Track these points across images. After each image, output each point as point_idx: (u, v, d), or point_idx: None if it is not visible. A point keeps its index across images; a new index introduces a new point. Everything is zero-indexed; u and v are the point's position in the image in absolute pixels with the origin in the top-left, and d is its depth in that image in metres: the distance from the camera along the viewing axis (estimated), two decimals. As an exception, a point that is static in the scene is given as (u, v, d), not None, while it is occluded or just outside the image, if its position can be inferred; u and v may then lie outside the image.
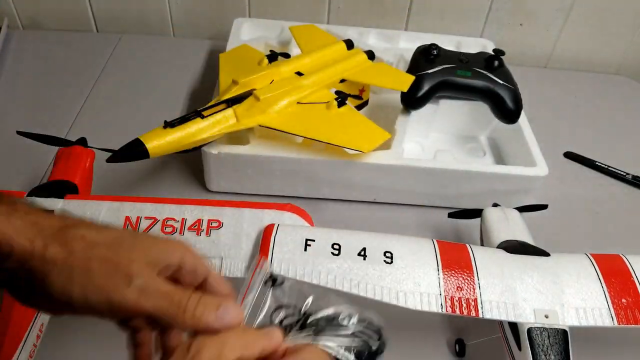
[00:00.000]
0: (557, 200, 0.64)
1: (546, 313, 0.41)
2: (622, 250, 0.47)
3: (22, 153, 0.64)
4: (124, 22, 0.94)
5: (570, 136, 0.80)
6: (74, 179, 0.51)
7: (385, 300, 0.41)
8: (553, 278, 0.43)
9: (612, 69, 0.99)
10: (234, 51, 0.73)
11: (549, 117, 0.81)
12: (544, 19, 0.92)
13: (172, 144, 0.51)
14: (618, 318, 0.41)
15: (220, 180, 0.63)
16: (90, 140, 0.58)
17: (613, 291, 0.42)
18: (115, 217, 0.45)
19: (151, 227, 0.44)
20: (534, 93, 0.73)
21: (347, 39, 0.73)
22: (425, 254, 0.44)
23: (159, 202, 0.46)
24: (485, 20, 0.92)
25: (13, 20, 0.92)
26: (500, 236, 0.50)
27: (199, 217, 0.45)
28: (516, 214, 0.54)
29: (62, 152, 0.55)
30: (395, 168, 0.61)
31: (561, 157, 0.76)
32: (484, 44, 0.82)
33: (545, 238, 0.51)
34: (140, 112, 0.75)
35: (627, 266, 0.44)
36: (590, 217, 0.67)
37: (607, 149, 0.77)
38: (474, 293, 0.41)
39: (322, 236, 0.44)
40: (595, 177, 0.73)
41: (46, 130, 0.56)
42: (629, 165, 0.74)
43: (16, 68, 0.83)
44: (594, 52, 0.96)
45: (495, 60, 0.68)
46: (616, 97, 0.91)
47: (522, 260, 0.45)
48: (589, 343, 0.47)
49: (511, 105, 0.66)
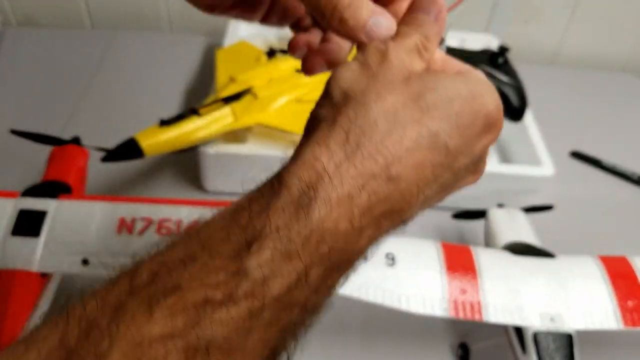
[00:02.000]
0: (563, 200, 0.63)
1: (552, 316, 0.41)
2: (628, 251, 0.46)
3: (15, 152, 0.63)
4: (119, 18, 0.93)
5: (576, 135, 0.79)
6: (67, 179, 0.50)
7: (388, 303, 0.40)
8: (559, 280, 0.43)
9: (619, 67, 0.98)
10: (232, 48, 0.72)
11: (554, 115, 0.80)
12: (550, 15, 0.91)
13: (168, 143, 0.50)
14: (624, 321, 0.41)
15: (217, 180, 0.62)
16: (85, 139, 0.57)
17: (620, 293, 0.42)
18: (110, 217, 0.44)
19: (146, 228, 0.43)
20: (539, 91, 0.72)
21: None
22: (428, 256, 0.43)
23: (154, 203, 0.45)
24: (490, 16, 0.91)
25: (7, 17, 0.91)
26: (505, 237, 0.49)
27: (195, 218, 0.44)
28: (521, 215, 0.53)
29: (56, 152, 0.54)
30: (397, 167, 0.60)
31: (567, 157, 0.75)
32: (489, 40, 0.81)
33: (550, 239, 0.51)
34: (135, 110, 0.75)
35: (634, 268, 0.44)
36: (596, 218, 0.66)
37: (614, 149, 0.76)
38: (477, 296, 0.41)
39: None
40: (602, 177, 0.72)
41: (40, 128, 0.55)
42: (637, 165, 0.73)
43: (10, 65, 0.82)
44: (601, 49, 0.95)
45: (500, 57, 0.67)
46: (623, 96, 0.90)
47: (527, 262, 0.44)
48: (595, 346, 0.47)
49: (516, 103, 0.65)
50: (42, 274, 0.43)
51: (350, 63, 0.24)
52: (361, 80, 0.23)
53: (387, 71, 0.23)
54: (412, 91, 0.23)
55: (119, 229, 0.43)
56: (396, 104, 0.22)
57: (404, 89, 0.23)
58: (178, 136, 0.50)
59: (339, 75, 0.24)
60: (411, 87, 0.23)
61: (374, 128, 0.22)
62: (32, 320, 0.42)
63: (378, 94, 0.22)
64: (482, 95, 0.24)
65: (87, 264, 0.42)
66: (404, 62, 0.24)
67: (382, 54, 0.24)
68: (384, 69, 0.23)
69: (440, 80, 0.23)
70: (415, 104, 0.22)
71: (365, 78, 0.23)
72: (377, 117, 0.22)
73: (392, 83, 0.23)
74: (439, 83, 0.23)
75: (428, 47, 0.25)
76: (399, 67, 0.23)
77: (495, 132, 0.26)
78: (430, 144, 0.22)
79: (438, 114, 0.23)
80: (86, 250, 0.42)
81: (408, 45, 0.24)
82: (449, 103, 0.23)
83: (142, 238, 0.43)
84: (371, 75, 0.23)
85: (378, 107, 0.22)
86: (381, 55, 0.24)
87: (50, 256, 0.42)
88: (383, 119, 0.22)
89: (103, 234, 0.43)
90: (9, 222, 0.43)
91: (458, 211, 0.57)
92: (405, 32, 0.25)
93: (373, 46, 0.24)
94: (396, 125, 0.22)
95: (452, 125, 0.23)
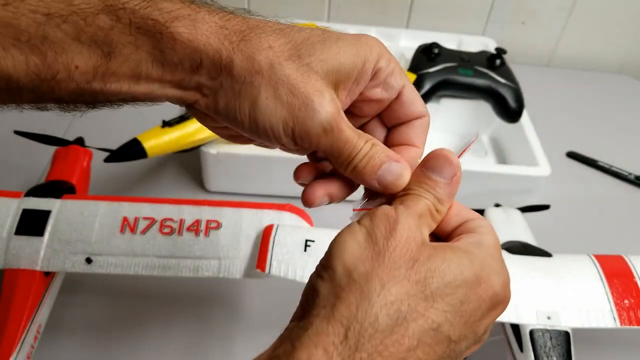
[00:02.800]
0: (560, 200, 0.63)
1: (548, 314, 0.41)
2: (624, 250, 0.47)
3: (20, 153, 0.63)
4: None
5: (572, 136, 0.79)
6: (71, 179, 0.51)
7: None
8: (555, 279, 0.43)
9: (615, 68, 0.98)
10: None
11: (551, 116, 0.81)
12: (546, 17, 0.92)
13: (170, 143, 0.50)
14: (621, 319, 0.41)
15: (219, 180, 0.62)
16: (88, 140, 0.57)
17: (616, 292, 0.42)
18: (113, 217, 0.44)
19: (149, 227, 0.44)
20: (536, 92, 0.73)
21: (348, 38, 0.73)
22: (426, 255, 0.43)
23: (157, 202, 0.45)
24: (487, 18, 0.91)
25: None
26: (502, 237, 0.50)
27: (197, 218, 0.45)
28: (518, 215, 0.53)
29: (60, 152, 0.54)
30: (396, 168, 0.60)
31: (564, 157, 0.76)
32: (486, 42, 0.82)
33: (547, 239, 0.51)
34: (138, 111, 0.75)
35: (630, 267, 0.44)
36: (592, 218, 0.67)
37: (610, 149, 0.77)
38: (475, 294, 0.41)
39: (322, 236, 0.43)
40: (597, 177, 0.73)
41: (43, 129, 0.56)
42: (632, 165, 0.73)
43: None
44: (597, 51, 0.96)
45: (497, 58, 0.68)
46: (619, 96, 0.91)
47: (524, 261, 0.45)
48: (592, 344, 0.47)
49: (513, 104, 0.66)
50: (46, 273, 0.43)
51: (356, 231, 0.23)
52: (366, 259, 0.22)
53: (393, 251, 0.22)
54: (417, 277, 0.22)
55: (122, 229, 0.44)
56: (400, 294, 0.21)
57: (409, 275, 0.22)
58: (180, 137, 0.51)
59: (344, 245, 0.23)
60: (417, 272, 0.22)
61: (375, 325, 0.21)
62: (35, 319, 0.42)
63: (382, 285, 0.21)
64: (489, 276, 0.23)
65: (91, 263, 0.42)
66: (412, 236, 0.23)
67: (391, 225, 0.23)
68: (391, 247, 0.22)
69: (446, 263, 0.23)
70: (420, 292, 0.22)
71: (370, 258, 0.22)
72: (379, 312, 0.21)
73: (398, 269, 0.22)
74: (444, 267, 0.22)
75: (440, 209, 0.25)
76: (407, 245, 0.22)
77: (501, 308, 0.25)
78: (432, 338, 0.22)
79: (442, 304, 0.22)
80: (89, 249, 0.43)
81: (419, 210, 0.24)
82: (454, 290, 0.22)
83: (145, 237, 0.43)
84: (377, 253, 0.22)
85: (381, 301, 0.21)
86: (390, 225, 0.23)
87: (53, 255, 0.43)
88: (385, 314, 0.21)
89: (106, 233, 0.43)
90: (13, 222, 0.43)
91: (456, 211, 0.58)
92: (417, 195, 0.25)
93: (382, 213, 0.23)
94: (398, 321, 0.21)
95: (456, 314, 0.22)
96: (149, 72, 0.24)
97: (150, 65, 0.23)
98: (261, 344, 0.25)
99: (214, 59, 0.24)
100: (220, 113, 0.25)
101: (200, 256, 0.43)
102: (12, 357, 0.39)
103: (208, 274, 0.42)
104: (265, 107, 0.24)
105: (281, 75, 0.24)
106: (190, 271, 0.43)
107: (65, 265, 0.42)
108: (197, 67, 0.24)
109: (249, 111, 0.24)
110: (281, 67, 0.24)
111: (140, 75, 0.24)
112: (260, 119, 0.24)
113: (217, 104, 0.25)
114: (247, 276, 0.42)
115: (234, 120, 0.25)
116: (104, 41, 0.22)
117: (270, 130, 0.25)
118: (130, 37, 0.23)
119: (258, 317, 0.51)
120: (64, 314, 0.48)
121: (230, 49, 0.24)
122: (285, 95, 0.24)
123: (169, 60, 0.23)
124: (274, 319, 0.52)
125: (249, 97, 0.24)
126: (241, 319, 0.51)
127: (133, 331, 0.49)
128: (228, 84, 0.24)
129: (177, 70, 0.24)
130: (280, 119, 0.24)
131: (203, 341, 0.49)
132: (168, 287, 0.52)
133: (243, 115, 0.25)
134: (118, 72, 0.23)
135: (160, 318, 0.50)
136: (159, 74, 0.24)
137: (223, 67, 0.24)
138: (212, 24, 0.24)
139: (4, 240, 0.43)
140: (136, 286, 0.52)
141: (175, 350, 0.48)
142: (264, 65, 0.24)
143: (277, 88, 0.24)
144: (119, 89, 0.24)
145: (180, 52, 0.23)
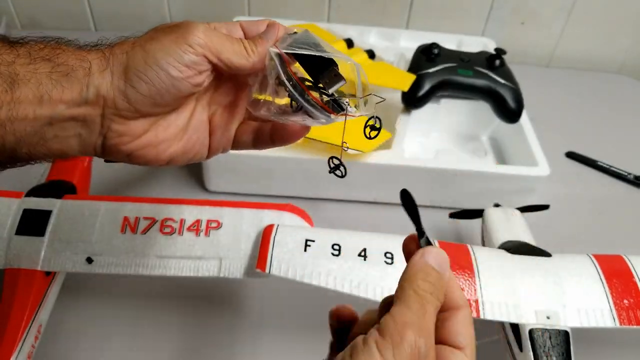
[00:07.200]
0: (559, 200, 0.63)
1: (548, 314, 0.41)
2: (624, 250, 0.47)
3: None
4: (122, 21, 0.93)
5: (572, 136, 0.79)
6: (72, 179, 0.51)
7: (386, 301, 0.40)
8: (555, 279, 0.43)
9: (614, 68, 0.98)
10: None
11: (550, 116, 0.81)
12: (545, 18, 0.92)
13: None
14: (620, 319, 0.41)
15: (219, 180, 0.63)
16: (89, 140, 0.57)
17: (615, 292, 0.42)
18: (114, 217, 0.44)
19: (150, 227, 0.44)
20: (535, 92, 0.73)
21: (347, 38, 0.73)
22: (426, 255, 0.43)
23: (157, 202, 0.46)
24: (486, 18, 0.92)
25: (12, 19, 0.92)
26: (502, 236, 0.50)
27: (197, 218, 0.45)
28: (518, 214, 0.53)
29: (60, 152, 0.54)
30: (396, 168, 0.60)
31: (563, 157, 0.76)
32: (486, 42, 0.82)
33: (546, 238, 0.51)
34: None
35: (629, 267, 0.44)
36: (592, 218, 0.67)
37: (609, 149, 0.77)
38: (475, 294, 0.41)
39: (322, 236, 0.44)
40: (597, 177, 0.73)
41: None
42: (631, 165, 0.74)
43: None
44: (596, 51, 0.96)
45: (497, 59, 0.68)
46: (618, 97, 0.91)
47: (524, 260, 0.45)
48: (591, 344, 0.47)
49: (512, 104, 0.66)
50: (47, 273, 0.44)
51: None
52: None
53: None
54: None
55: (122, 228, 0.44)
56: None
57: None
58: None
59: None
60: None
61: None
62: (36, 318, 0.42)
63: None
64: None
65: (91, 263, 0.43)
66: None
67: None
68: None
69: None
70: None
71: None
72: None
73: None
74: None
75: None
76: None
77: None
78: None
79: None
80: (90, 249, 0.43)
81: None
82: None
83: (146, 237, 0.44)
84: None
85: None
86: None
87: (54, 255, 0.43)
88: None
89: (107, 233, 0.44)
90: (14, 222, 0.44)
91: (455, 210, 0.58)
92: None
93: None
94: None
95: None
96: (50, 93, 0.26)
97: (50, 85, 0.26)
98: (261, 344, 0.25)
99: (98, 52, 0.27)
100: (136, 89, 0.27)
101: (200, 256, 0.43)
102: (13, 357, 0.39)
103: (208, 274, 0.42)
104: (158, 46, 0.27)
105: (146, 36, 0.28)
106: (190, 271, 0.43)
107: (66, 265, 0.42)
108: (89, 69, 0.27)
109: (152, 63, 0.27)
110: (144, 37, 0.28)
111: (42, 98, 0.26)
112: (161, 56, 0.27)
113: (126, 89, 0.27)
114: (248, 276, 0.42)
115: (152, 80, 0.27)
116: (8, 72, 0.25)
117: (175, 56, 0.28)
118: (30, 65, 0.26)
119: (258, 317, 0.51)
120: (65, 314, 0.48)
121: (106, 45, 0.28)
122: (165, 36, 0.28)
123: (64, 72, 0.26)
124: (274, 319, 0.52)
125: (140, 56, 0.27)
126: (241, 319, 0.51)
127: (133, 331, 0.49)
128: (120, 66, 0.27)
129: (74, 83, 0.26)
130: (172, 42, 0.27)
131: (203, 341, 0.49)
132: (168, 287, 0.52)
133: (151, 63, 0.27)
134: (21, 98, 0.25)
135: (161, 318, 0.50)
136: (59, 94, 0.26)
137: (108, 52, 0.27)
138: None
139: (5, 240, 0.43)
140: (136, 286, 0.52)
141: (176, 350, 0.48)
142: (130, 41, 0.28)
143: (153, 38, 0.28)
144: (25, 114, 0.26)
145: (72, 60, 0.26)
